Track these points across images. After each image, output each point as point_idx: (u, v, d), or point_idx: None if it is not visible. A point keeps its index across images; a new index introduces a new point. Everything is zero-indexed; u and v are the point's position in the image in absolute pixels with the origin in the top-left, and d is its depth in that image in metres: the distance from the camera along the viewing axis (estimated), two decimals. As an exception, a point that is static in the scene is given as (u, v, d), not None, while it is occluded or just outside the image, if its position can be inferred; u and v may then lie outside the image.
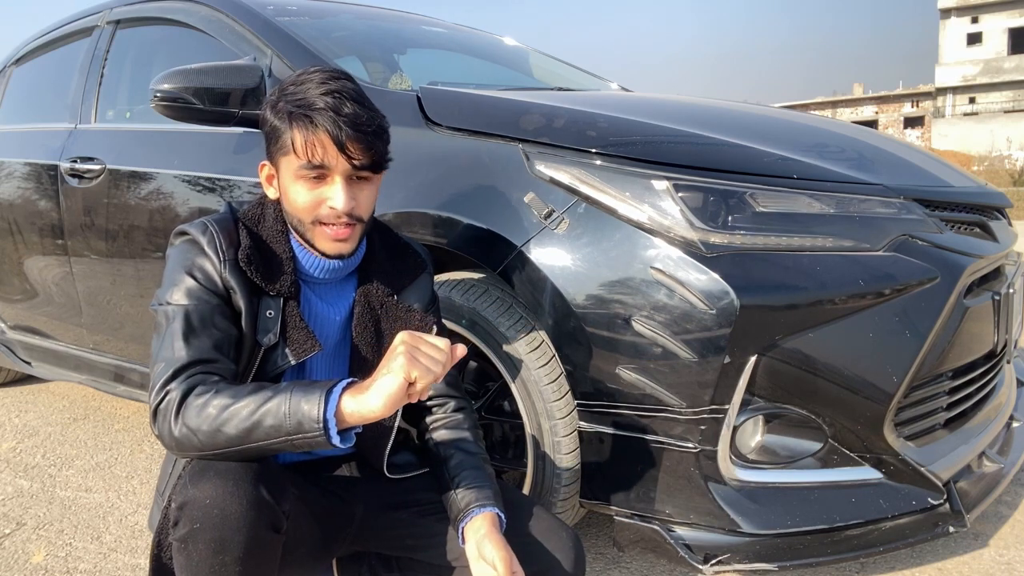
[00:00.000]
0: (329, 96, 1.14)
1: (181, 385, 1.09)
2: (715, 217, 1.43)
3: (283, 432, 1.04)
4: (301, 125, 1.14)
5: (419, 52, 2.88)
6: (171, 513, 1.06)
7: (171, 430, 1.07)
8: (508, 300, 1.63)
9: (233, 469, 1.06)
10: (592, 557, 1.85)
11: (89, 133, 2.60)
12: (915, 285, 1.46)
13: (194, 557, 1.04)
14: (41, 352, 2.93)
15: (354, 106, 1.15)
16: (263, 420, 1.04)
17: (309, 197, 1.18)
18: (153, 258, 2.27)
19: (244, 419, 1.04)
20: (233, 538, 1.03)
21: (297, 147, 1.15)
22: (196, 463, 1.09)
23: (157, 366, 1.12)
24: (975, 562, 1.77)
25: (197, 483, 1.05)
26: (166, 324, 1.15)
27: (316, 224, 1.19)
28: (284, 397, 1.04)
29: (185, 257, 1.19)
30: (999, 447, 1.85)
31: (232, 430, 1.04)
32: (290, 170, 1.18)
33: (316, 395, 1.03)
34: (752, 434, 1.48)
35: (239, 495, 1.04)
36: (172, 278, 1.19)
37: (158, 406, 1.09)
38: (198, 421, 1.05)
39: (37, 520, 2.11)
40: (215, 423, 1.05)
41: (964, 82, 36.90)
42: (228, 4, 2.27)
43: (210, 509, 1.03)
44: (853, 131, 2.03)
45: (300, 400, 1.03)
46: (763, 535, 1.43)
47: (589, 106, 1.78)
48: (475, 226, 1.57)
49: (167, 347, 1.13)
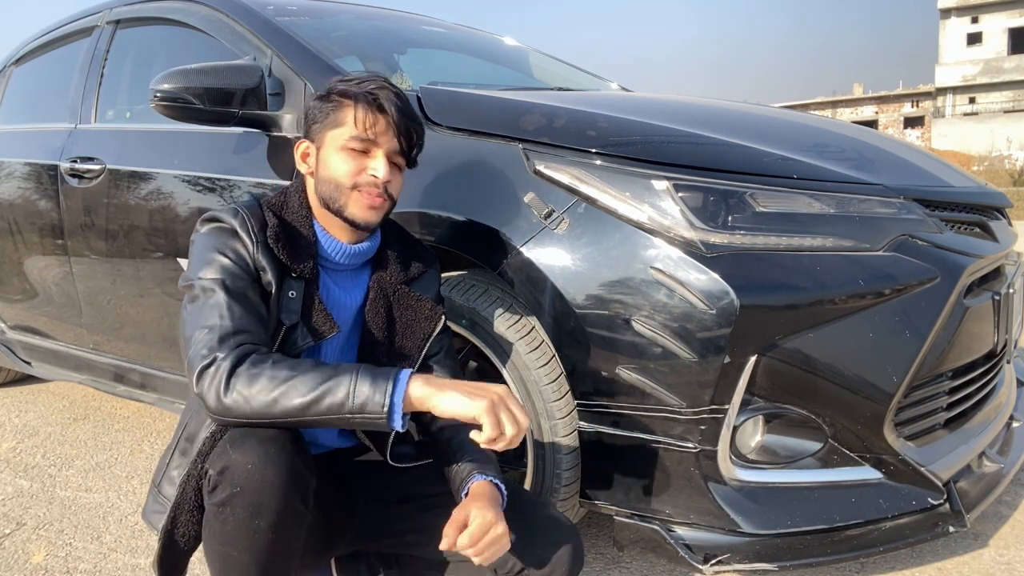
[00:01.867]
0: (389, 87, 1.31)
1: (232, 353, 1.13)
2: (715, 217, 1.43)
3: (345, 410, 1.09)
4: (366, 103, 1.28)
5: (419, 52, 2.87)
6: (210, 479, 1.09)
7: (219, 394, 1.10)
8: (508, 300, 1.63)
9: (274, 437, 1.10)
10: (592, 557, 1.85)
11: (89, 133, 2.60)
12: (915, 285, 1.46)
13: (230, 522, 1.07)
14: (41, 352, 2.93)
15: (407, 102, 1.33)
16: (325, 396, 1.08)
17: (353, 165, 1.29)
18: (153, 258, 2.27)
19: (305, 393, 1.08)
20: (269, 503, 1.07)
21: (356, 120, 1.28)
22: (236, 431, 1.12)
23: (199, 332, 1.15)
24: (975, 562, 1.77)
25: (239, 448, 1.08)
26: (203, 296, 1.19)
27: (354, 189, 1.29)
28: (349, 376, 1.10)
29: (216, 239, 1.25)
30: (999, 447, 1.85)
31: (291, 402, 1.08)
32: (338, 141, 1.29)
33: (384, 379, 1.10)
34: (752, 434, 1.48)
35: (280, 462, 1.08)
36: (204, 257, 1.23)
37: (205, 368, 1.12)
38: (253, 390, 1.09)
39: (37, 520, 2.11)
40: (274, 393, 1.09)
41: (964, 82, 36.89)
42: (228, 4, 2.26)
43: (252, 473, 1.07)
44: (853, 131, 2.03)
45: (367, 382, 1.09)
46: (763, 535, 1.43)
47: (589, 106, 1.78)
48: (475, 226, 1.57)
49: (209, 315, 1.17)
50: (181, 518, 1.17)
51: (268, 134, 1.99)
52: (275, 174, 1.95)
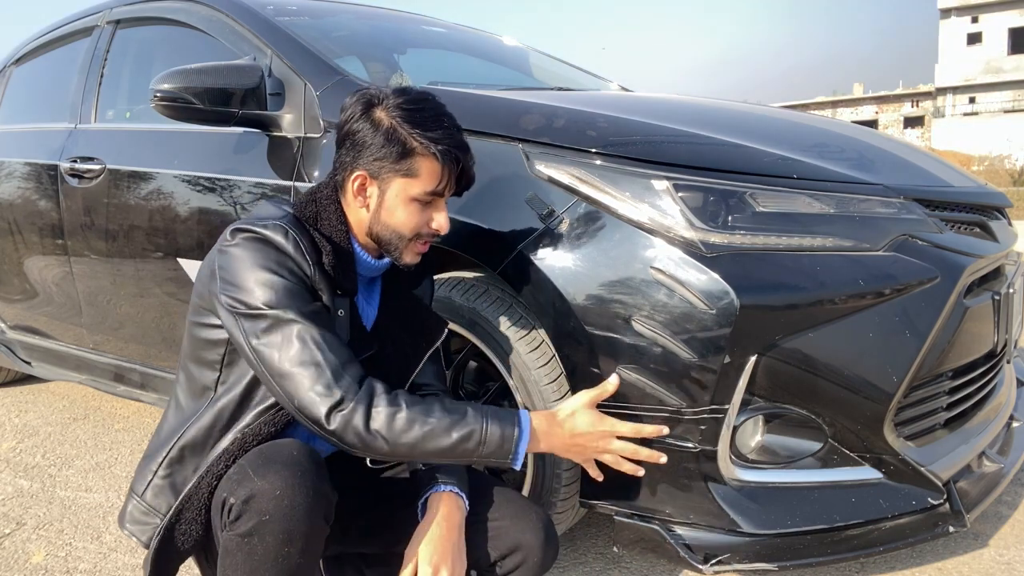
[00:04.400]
0: (455, 130, 1.26)
1: (357, 390, 1.14)
2: (715, 217, 1.43)
3: (475, 455, 1.18)
4: (448, 160, 1.24)
5: (419, 52, 2.88)
6: (230, 509, 1.07)
7: (359, 434, 1.13)
8: (508, 300, 1.63)
9: (298, 459, 1.10)
10: (592, 557, 1.85)
11: (89, 133, 2.60)
12: (915, 285, 1.46)
13: (258, 550, 1.06)
14: (41, 352, 2.93)
15: (463, 135, 1.28)
16: (460, 443, 1.16)
17: (420, 218, 1.27)
18: (153, 258, 2.27)
19: (443, 438, 1.16)
20: (299, 529, 1.07)
21: (431, 176, 1.24)
22: (257, 454, 1.12)
23: (302, 368, 1.13)
24: (975, 562, 1.77)
25: (265, 474, 1.07)
26: (282, 327, 1.15)
27: (414, 240, 1.28)
28: (479, 422, 1.18)
29: (266, 258, 1.18)
30: (999, 447, 1.85)
31: (432, 446, 1.16)
32: (409, 192, 1.25)
33: (510, 426, 1.19)
34: (752, 434, 1.48)
35: (306, 486, 1.08)
36: (258, 278, 1.16)
37: (334, 409, 1.12)
38: (395, 432, 1.14)
39: (37, 520, 2.11)
40: (417, 437, 1.14)
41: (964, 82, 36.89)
42: (228, 4, 2.26)
43: (280, 500, 1.06)
44: (853, 131, 2.03)
45: (495, 427, 1.18)
46: (763, 535, 1.43)
47: (589, 106, 1.78)
48: (475, 226, 1.57)
49: (303, 350, 1.14)
50: (180, 535, 1.17)
51: (268, 134, 1.99)
52: (275, 174, 1.95)
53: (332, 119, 1.89)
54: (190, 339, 1.31)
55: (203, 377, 1.29)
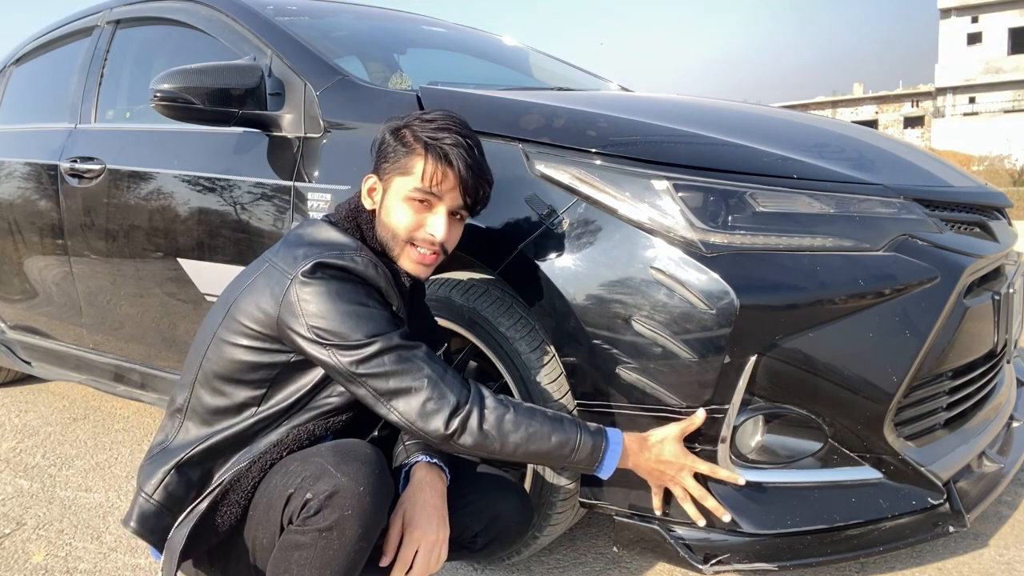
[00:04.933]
0: (463, 139, 1.29)
1: (468, 397, 1.22)
2: (715, 217, 1.43)
3: (568, 460, 1.26)
4: (435, 155, 1.27)
5: (419, 52, 2.88)
6: (307, 504, 1.09)
7: (474, 434, 1.21)
8: (508, 300, 1.63)
9: (372, 457, 1.14)
10: (592, 557, 1.85)
11: (89, 133, 2.60)
12: (915, 285, 1.46)
13: (335, 544, 1.09)
14: (41, 352, 2.93)
15: (479, 155, 1.32)
16: (557, 449, 1.24)
17: (412, 219, 1.30)
18: (153, 258, 2.27)
19: (544, 441, 1.24)
20: (375, 524, 1.12)
21: (423, 173, 1.27)
22: (329, 453, 1.14)
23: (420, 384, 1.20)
24: (975, 562, 1.78)
25: (347, 471, 1.10)
26: (394, 351, 1.21)
27: (408, 244, 1.31)
28: (575, 431, 1.27)
29: (357, 293, 1.22)
30: (999, 447, 1.85)
31: (535, 448, 1.24)
32: (402, 190, 1.29)
33: (600, 438, 1.28)
34: (752, 434, 1.48)
35: (382, 483, 1.13)
36: (358, 314, 1.20)
37: (453, 413, 1.20)
38: (504, 433, 1.22)
39: (37, 520, 2.11)
40: (522, 439, 1.23)
41: (964, 82, 36.89)
42: (228, 4, 2.26)
43: (363, 496, 1.09)
44: (853, 131, 2.03)
45: (588, 437, 1.27)
46: (763, 535, 1.43)
47: (589, 106, 1.78)
48: (475, 226, 1.57)
49: (416, 367, 1.21)
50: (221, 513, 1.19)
51: (268, 134, 1.99)
52: (275, 174, 1.95)
53: (332, 119, 1.89)
54: (224, 359, 1.28)
55: (241, 395, 1.28)
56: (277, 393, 1.27)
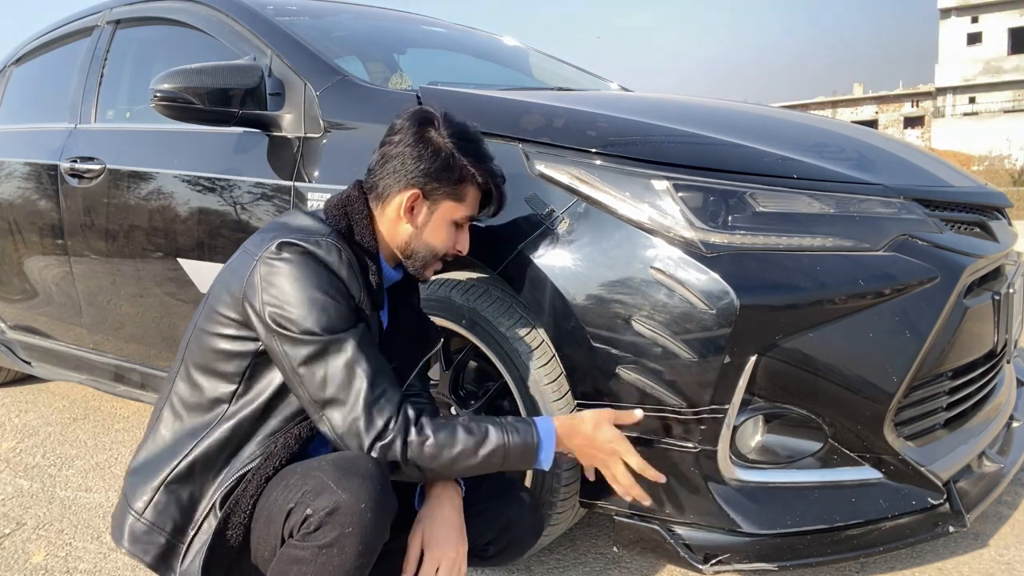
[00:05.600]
0: (497, 167, 1.37)
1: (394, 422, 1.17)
2: (715, 217, 1.43)
3: (503, 466, 1.23)
4: (487, 187, 1.35)
5: (419, 52, 2.88)
6: (307, 520, 1.07)
7: (396, 463, 1.18)
8: (508, 300, 1.63)
9: (373, 472, 1.11)
10: (592, 557, 1.85)
11: (89, 133, 2.60)
12: (915, 285, 1.46)
13: (335, 561, 1.06)
14: (41, 352, 2.93)
15: (502, 172, 1.39)
16: (489, 459, 1.21)
17: (453, 239, 1.37)
18: (153, 258, 2.27)
19: (472, 458, 1.20)
20: (376, 542, 1.10)
21: (473, 202, 1.36)
22: (329, 467, 1.11)
23: (352, 398, 1.16)
24: (975, 562, 1.78)
25: (347, 487, 1.07)
26: (333, 354, 1.17)
27: (440, 258, 1.38)
28: (502, 438, 1.22)
29: (318, 278, 1.18)
30: (999, 447, 1.85)
31: (463, 466, 1.21)
32: (453, 215, 1.34)
33: (531, 435, 1.24)
34: (752, 434, 1.48)
35: (384, 499, 1.10)
36: (313, 301, 1.17)
37: (376, 440, 1.16)
38: (427, 460, 1.18)
39: (37, 520, 2.11)
40: (447, 461, 1.19)
41: (964, 82, 36.88)
42: (228, 4, 2.26)
43: (364, 514, 1.07)
44: (853, 131, 2.03)
45: (517, 439, 1.23)
46: (763, 535, 1.43)
47: (589, 106, 1.78)
48: (475, 226, 1.57)
49: (354, 380, 1.17)
50: (228, 535, 1.17)
51: (268, 134, 1.99)
52: (275, 174, 1.95)
53: (332, 119, 1.89)
54: (202, 349, 1.26)
55: (215, 389, 1.25)
56: (248, 391, 1.24)
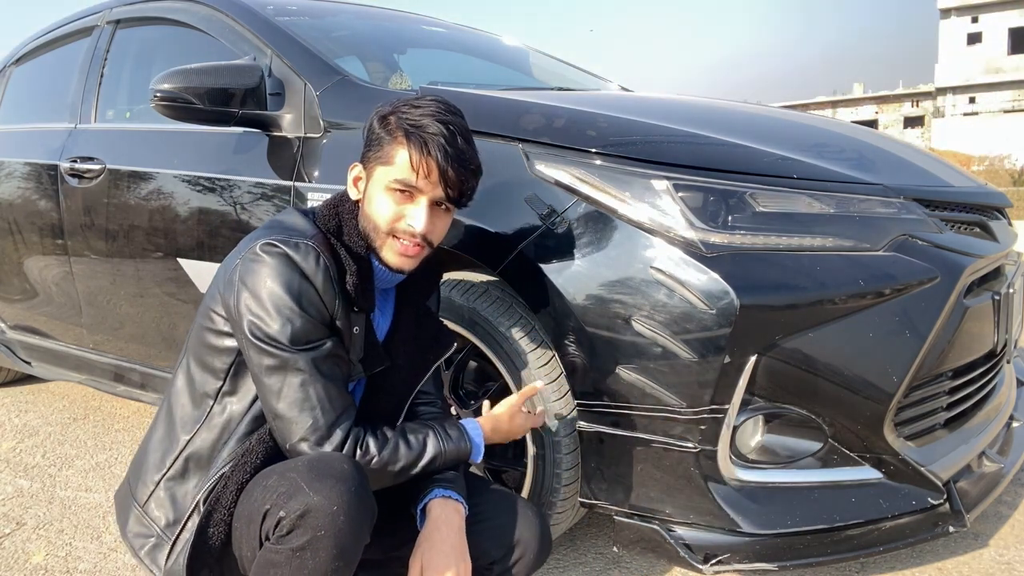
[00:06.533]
0: (445, 127, 1.21)
1: (342, 448, 1.17)
2: (715, 217, 1.43)
3: (441, 469, 1.28)
4: (414, 145, 1.20)
5: (419, 52, 2.87)
6: (280, 523, 1.06)
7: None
8: (508, 300, 1.63)
9: (349, 474, 1.10)
10: (592, 557, 1.85)
11: (89, 133, 2.60)
12: (915, 285, 1.46)
13: (309, 565, 1.05)
14: (41, 352, 2.93)
15: (463, 143, 1.23)
16: (428, 466, 1.25)
17: (392, 210, 1.24)
18: (153, 258, 2.27)
19: (412, 469, 1.24)
20: (352, 545, 1.07)
21: (400, 162, 1.21)
22: (304, 464, 1.11)
23: (303, 417, 1.16)
24: (975, 562, 1.78)
25: (319, 489, 1.06)
26: (289, 374, 1.16)
27: (389, 235, 1.25)
28: (437, 447, 1.26)
29: (290, 284, 1.16)
30: (999, 447, 1.85)
31: (404, 478, 1.24)
32: (383, 180, 1.23)
33: (464, 440, 1.30)
34: (752, 434, 1.48)
35: (359, 502, 1.08)
36: (281, 307, 1.15)
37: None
38: (373, 474, 1.18)
39: (37, 520, 2.11)
40: (391, 476, 1.22)
41: (964, 82, 36.88)
42: (228, 4, 2.26)
43: (336, 516, 1.05)
44: (853, 131, 2.03)
45: (452, 446, 1.28)
46: (763, 535, 1.43)
47: (589, 106, 1.78)
48: (475, 226, 1.57)
49: (307, 400, 1.16)
50: (210, 533, 1.16)
51: (268, 134, 1.99)
52: (275, 174, 1.95)
53: (332, 119, 1.89)
54: (198, 341, 1.28)
55: (205, 383, 1.27)
56: (234, 388, 1.25)
